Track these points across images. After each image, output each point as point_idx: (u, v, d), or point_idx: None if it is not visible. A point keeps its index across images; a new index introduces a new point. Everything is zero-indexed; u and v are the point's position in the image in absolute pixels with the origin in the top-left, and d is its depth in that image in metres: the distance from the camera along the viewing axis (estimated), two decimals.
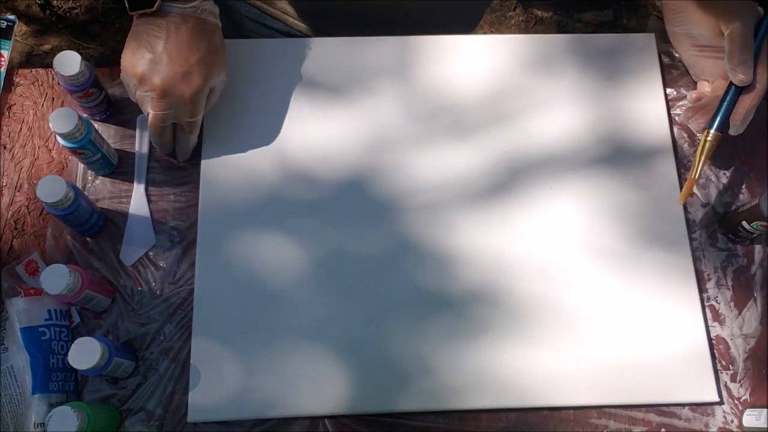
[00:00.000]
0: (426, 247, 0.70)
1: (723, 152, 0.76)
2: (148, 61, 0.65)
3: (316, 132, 0.74)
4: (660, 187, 0.73)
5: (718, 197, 0.75)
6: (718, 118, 0.69)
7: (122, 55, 0.67)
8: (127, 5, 0.64)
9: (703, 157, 0.69)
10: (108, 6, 1.68)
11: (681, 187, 0.73)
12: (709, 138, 0.69)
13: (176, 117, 0.67)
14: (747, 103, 0.68)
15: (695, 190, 0.73)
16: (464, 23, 0.93)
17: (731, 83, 0.69)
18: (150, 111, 0.67)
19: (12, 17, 0.80)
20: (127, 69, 0.66)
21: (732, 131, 0.70)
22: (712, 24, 0.70)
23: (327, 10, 0.85)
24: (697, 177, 0.69)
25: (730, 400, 0.68)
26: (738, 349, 0.70)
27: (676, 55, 0.79)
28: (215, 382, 0.66)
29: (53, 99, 0.77)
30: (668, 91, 0.78)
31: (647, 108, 0.76)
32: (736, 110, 0.69)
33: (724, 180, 0.75)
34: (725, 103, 0.69)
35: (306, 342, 0.67)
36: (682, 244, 0.71)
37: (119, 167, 0.74)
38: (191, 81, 0.65)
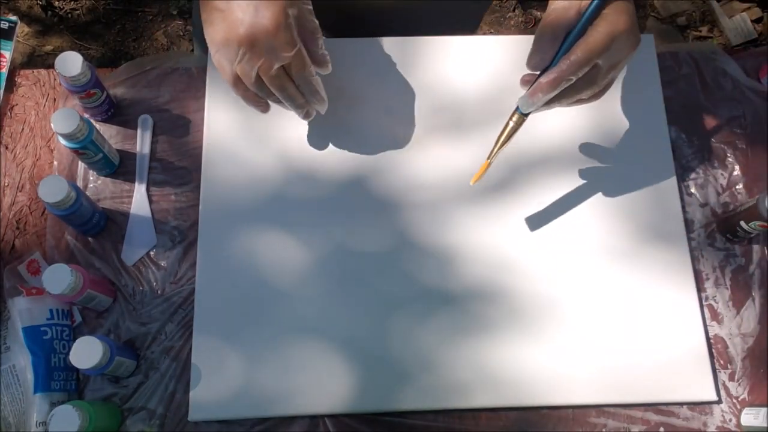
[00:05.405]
0: (427, 245, 0.71)
1: (721, 152, 0.77)
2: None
3: (316, 131, 0.75)
4: (658, 187, 0.73)
5: (717, 197, 0.75)
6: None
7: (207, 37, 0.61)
8: None
9: (502, 139, 0.63)
10: (109, 7, 1.69)
11: (680, 188, 0.74)
12: (512, 120, 0.63)
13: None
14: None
15: (693, 190, 0.73)
16: (464, 27, 0.93)
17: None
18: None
19: (14, 18, 0.80)
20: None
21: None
22: None
23: (327, 10, 0.85)
24: (492, 160, 0.64)
25: (728, 399, 0.68)
26: (736, 348, 0.70)
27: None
28: (216, 381, 0.66)
29: (55, 99, 0.77)
30: (666, 91, 0.78)
31: (646, 108, 0.76)
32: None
33: (723, 180, 0.76)
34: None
35: (306, 341, 0.67)
36: (681, 244, 0.71)
37: (120, 167, 0.74)
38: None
